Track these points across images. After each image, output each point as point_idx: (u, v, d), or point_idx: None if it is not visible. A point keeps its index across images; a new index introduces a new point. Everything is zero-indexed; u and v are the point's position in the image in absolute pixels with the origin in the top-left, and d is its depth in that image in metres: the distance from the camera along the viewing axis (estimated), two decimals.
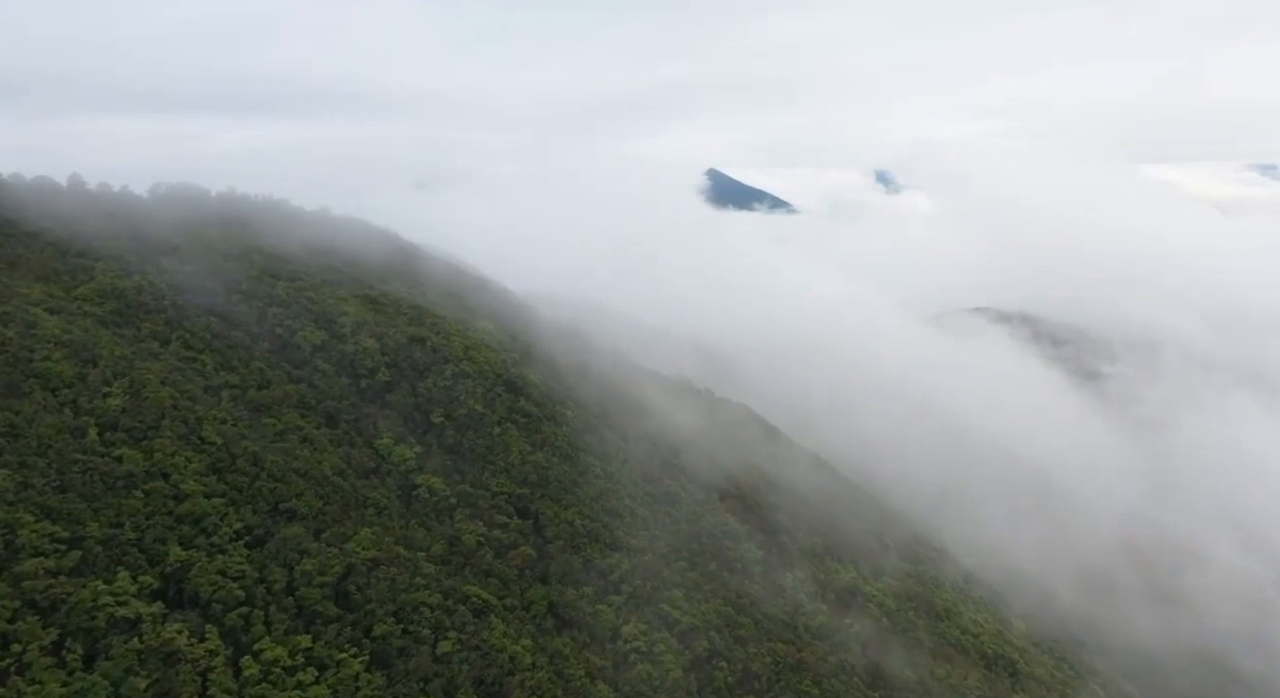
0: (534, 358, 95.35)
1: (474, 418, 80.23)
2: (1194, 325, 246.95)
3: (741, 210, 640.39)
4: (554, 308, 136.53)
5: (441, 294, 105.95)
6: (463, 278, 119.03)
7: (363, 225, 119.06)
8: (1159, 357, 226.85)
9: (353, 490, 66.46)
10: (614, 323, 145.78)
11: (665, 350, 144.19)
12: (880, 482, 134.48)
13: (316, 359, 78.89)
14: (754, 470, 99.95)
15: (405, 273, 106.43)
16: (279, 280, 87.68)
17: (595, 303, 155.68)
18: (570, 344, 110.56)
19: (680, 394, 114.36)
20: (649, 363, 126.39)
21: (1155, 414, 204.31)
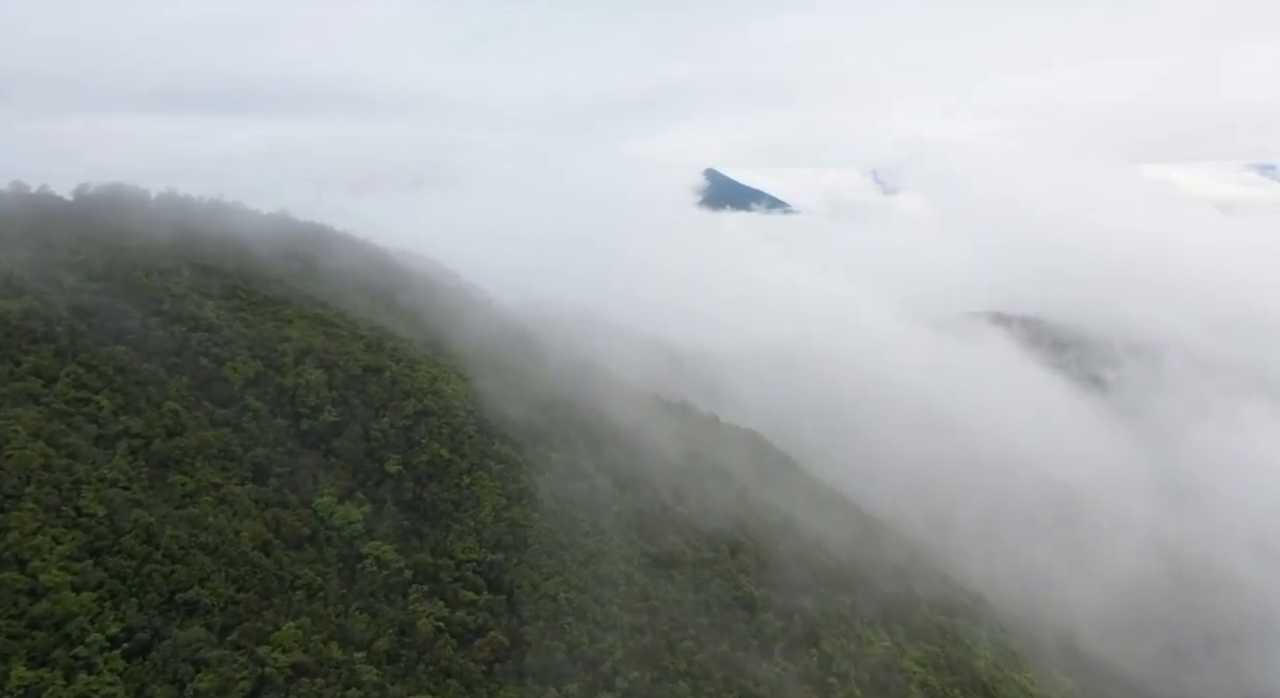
0: (514, 387, 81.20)
1: (438, 466, 66.11)
2: (1197, 329, 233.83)
3: (739, 211, 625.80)
4: (543, 320, 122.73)
5: (412, 311, 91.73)
6: (441, 291, 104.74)
7: (325, 232, 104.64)
8: (1163, 361, 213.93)
9: (277, 569, 52.41)
10: (606, 334, 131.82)
11: (661, 366, 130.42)
12: (887, 499, 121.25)
13: (248, 396, 64.72)
14: (766, 513, 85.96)
15: (370, 287, 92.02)
16: (210, 299, 73.46)
17: (586, 311, 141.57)
18: (559, 367, 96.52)
19: (682, 422, 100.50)
20: (644, 381, 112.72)
21: (1166, 423, 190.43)
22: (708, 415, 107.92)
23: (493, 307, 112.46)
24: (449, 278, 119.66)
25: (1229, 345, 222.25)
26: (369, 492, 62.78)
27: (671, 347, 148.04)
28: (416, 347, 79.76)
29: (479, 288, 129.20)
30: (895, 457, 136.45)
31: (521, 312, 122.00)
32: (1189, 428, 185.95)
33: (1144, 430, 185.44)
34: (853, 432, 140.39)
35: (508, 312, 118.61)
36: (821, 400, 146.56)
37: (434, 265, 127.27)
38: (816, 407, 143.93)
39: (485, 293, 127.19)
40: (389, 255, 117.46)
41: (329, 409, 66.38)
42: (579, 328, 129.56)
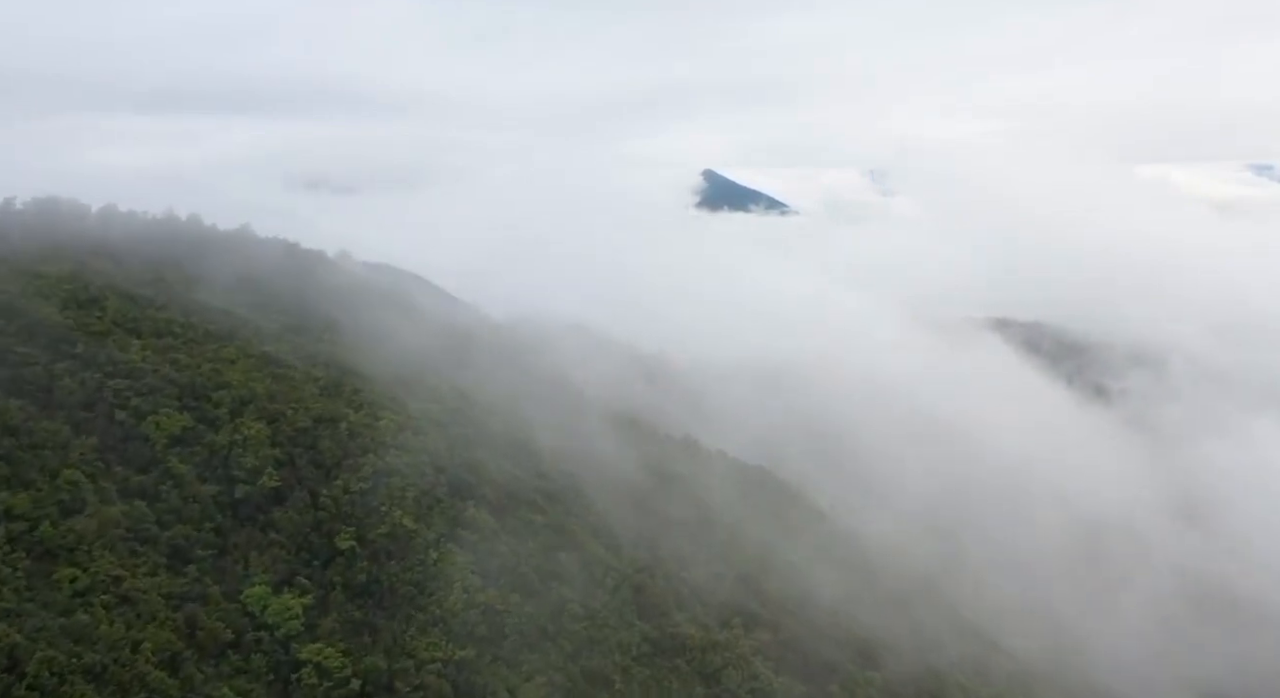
0: (497, 433, 70.11)
1: (400, 539, 54.98)
2: (1200, 334, 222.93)
3: (737, 212, 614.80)
4: (533, 339, 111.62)
5: (385, 340, 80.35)
6: (421, 315, 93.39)
7: (292, 251, 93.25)
8: (1167, 369, 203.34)
9: (184, 693, 41.28)
10: (600, 353, 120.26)
11: (657, 388, 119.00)
12: (892, 523, 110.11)
13: (172, 458, 53.64)
14: (783, 572, 74.97)
15: (337, 315, 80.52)
16: (137, 337, 62.28)
17: (579, 326, 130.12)
18: (549, 401, 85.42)
19: (686, 461, 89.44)
20: (641, 408, 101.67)
21: (1174, 436, 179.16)
22: (713, 451, 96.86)
23: (478, 328, 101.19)
24: (432, 296, 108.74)
25: (1232, 352, 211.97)
26: (314, 575, 51.68)
27: (668, 363, 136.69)
28: (383, 386, 68.62)
29: (465, 304, 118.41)
30: (897, 474, 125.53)
31: (510, 330, 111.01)
32: (1198, 442, 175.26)
33: (1153, 445, 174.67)
34: (852, 448, 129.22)
35: (495, 332, 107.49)
36: (818, 416, 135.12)
37: (417, 281, 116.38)
38: (813, 423, 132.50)
39: (471, 309, 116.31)
40: (366, 272, 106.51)
41: (270, 472, 55.19)
42: (571, 347, 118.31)
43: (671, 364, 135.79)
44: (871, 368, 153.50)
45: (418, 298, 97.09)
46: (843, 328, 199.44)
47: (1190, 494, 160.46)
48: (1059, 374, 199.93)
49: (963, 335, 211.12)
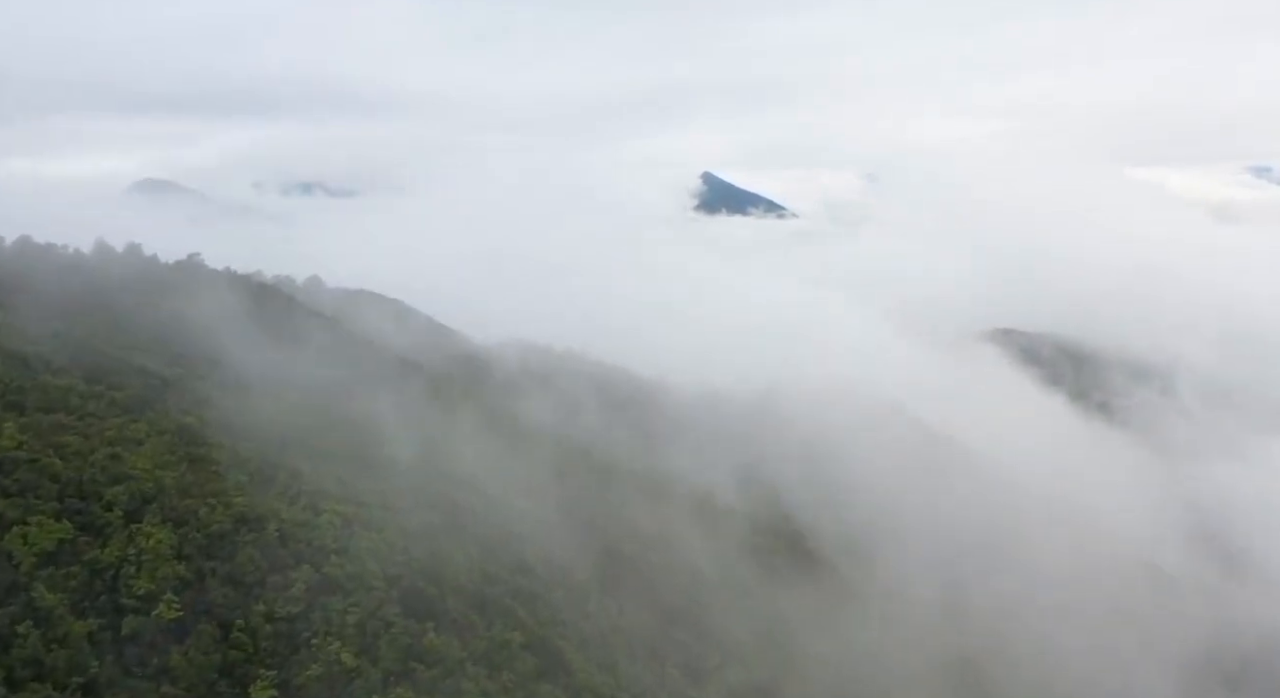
0: (466, 510, 57.47)
1: (337, 681, 42.46)
2: (1205, 348, 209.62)
3: (735, 214, 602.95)
4: (519, 373, 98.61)
5: (339, 400, 67.37)
6: (391, 361, 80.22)
7: (244, 286, 79.73)
8: (1173, 385, 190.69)
9: None
10: (590, 385, 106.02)
11: (651, 420, 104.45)
12: (898, 571, 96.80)
13: (39, 583, 41.07)
14: (812, 674, 62.50)
15: (285, 371, 67.12)
16: (20, 413, 49.68)
17: (571, 354, 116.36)
18: (533, 454, 72.77)
19: (698, 522, 76.80)
20: (633, 450, 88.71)
21: (1188, 458, 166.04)
22: (722, 508, 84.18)
23: (459, 369, 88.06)
24: (412, 327, 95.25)
25: (1238, 366, 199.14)
26: None
27: (664, 390, 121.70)
28: (331, 464, 55.90)
29: (448, 331, 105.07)
30: (902, 507, 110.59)
31: (495, 363, 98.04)
32: (1210, 462, 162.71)
33: (1164, 466, 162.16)
34: (852, 478, 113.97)
35: (477, 369, 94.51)
36: (817, 442, 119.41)
37: (397, 308, 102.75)
38: (811, 450, 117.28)
39: (454, 338, 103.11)
40: (339, 302, 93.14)
41: (169, 599, 42.58)
42: (562, 382, 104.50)
43: (667, 390, 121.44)
44: (869, 387, 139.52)
45: (395, 335, 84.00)
46: (840, 344, 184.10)
47: (1208, 522, 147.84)
48: (1062, 388, 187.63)
49: (963, 349, 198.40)
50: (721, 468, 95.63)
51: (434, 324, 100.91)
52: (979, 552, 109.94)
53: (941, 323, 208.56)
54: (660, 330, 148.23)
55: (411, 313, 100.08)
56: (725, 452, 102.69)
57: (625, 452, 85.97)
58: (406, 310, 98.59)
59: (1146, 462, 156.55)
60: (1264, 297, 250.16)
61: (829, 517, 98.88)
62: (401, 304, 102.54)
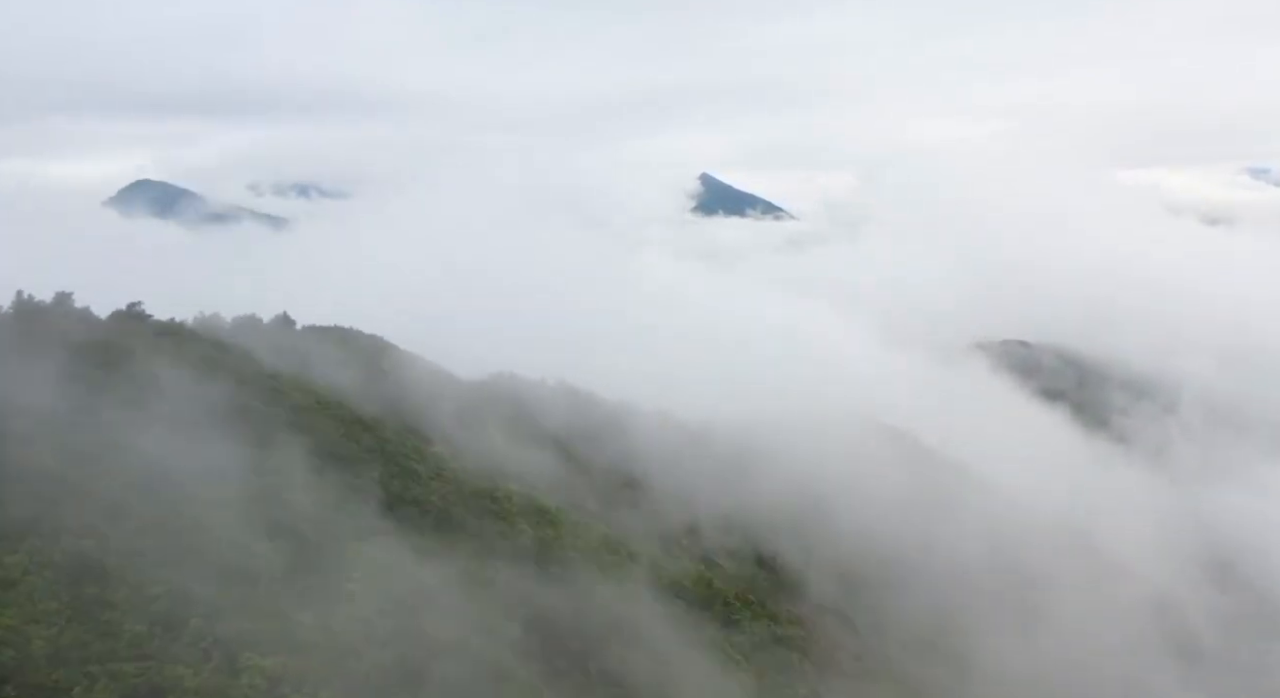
0: (433, 641, 47.10)
1: None
2: (1208, 363, 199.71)
3: (733, 216, 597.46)
4: (505, 404, 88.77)
5: (286, 499, 53.31)
6: (363, 428, 66.52)
7: (171, 335, 63.54)
8: (1178, 402, 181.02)
9: None
10: (587, 424, 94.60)
11: (637, 462, 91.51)
12: (905, 620, 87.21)
13: None
14: None
15: (213, 458, 51.72)
16: None
17: (564, 386, 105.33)
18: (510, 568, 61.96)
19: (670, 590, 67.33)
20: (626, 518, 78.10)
21: (1197, 484, 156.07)
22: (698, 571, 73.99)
23: (437, 431, 76.17)
24: (389, 370, 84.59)
25: (1243, 384, 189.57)
26: None
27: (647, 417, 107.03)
28: (258, 594, 44.84)
29: (430, 368, 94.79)
30: (898, 553, 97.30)
31: (479, 406, 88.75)
32: (1220, 488, 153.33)
33: (1174, 495, 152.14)
34: (842, 522, 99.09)
35: (468, 412, 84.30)
36: (803, 478, 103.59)
37: (375, 344, 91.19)
38: (795, 488, 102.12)
39: (437, 376, 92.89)
40: (309, 344, 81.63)
41: None
42: (554, 410, 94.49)
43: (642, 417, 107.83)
44: (866, 407, 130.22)
45: (370, 383, 74.03)
46: (834, 361, 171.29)
47: (1224, 555, 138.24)
48: (1062, 402, 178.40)
49: (961, 362, 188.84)
50: (699, 510, 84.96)
51: (417, 361, 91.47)
52: (989, 598, 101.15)
53: (938, 333, 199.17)
54: (641, 352, 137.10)
55: (390, 350, 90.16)
56: (704, 490, 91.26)
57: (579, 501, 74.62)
58: (383, 348, 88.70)
59: (1154, 487, 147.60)
60: (1269, 310, 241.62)
61: (823, 562, 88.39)
62: (380, 340, 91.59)
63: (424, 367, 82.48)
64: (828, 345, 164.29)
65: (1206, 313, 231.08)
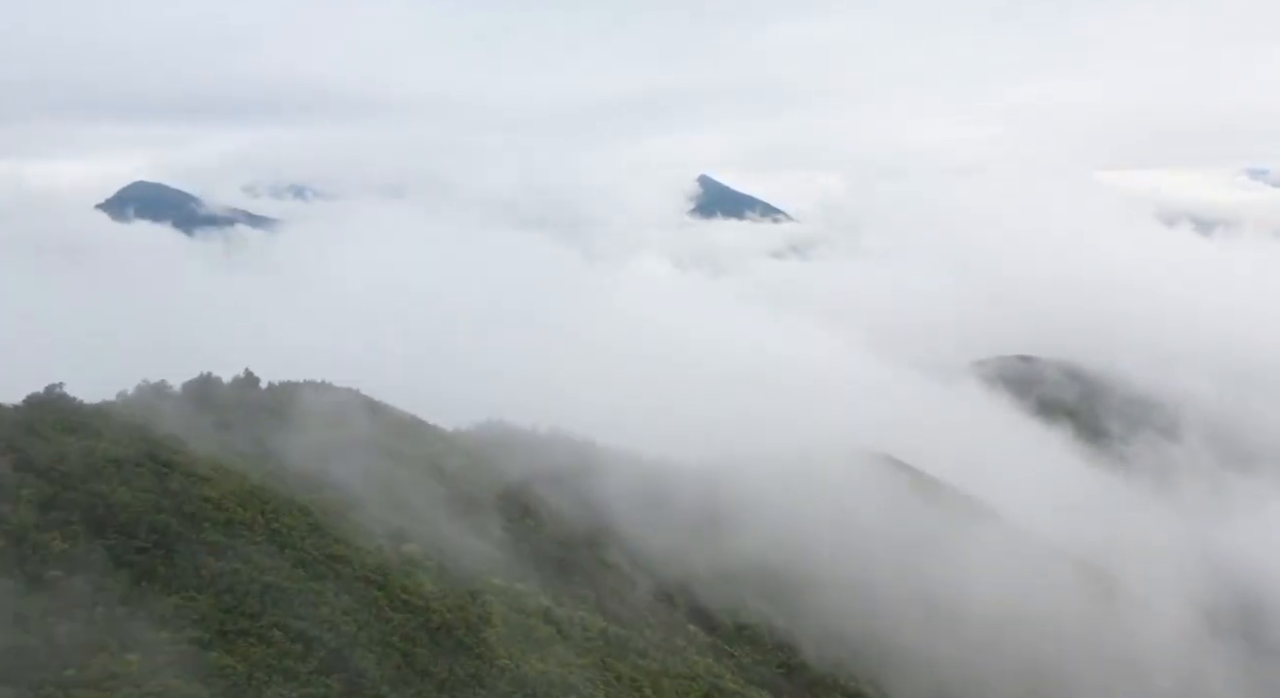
0: None
1: None
2: (1211, 382, 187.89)
3: (731, 218, 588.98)
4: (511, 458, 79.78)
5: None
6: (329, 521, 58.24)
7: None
8: (1179, 426, 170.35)
9: None
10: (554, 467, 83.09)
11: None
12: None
13: None
14: None
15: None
16: None
17: (579, 443, 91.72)
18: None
19: None
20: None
21: (1204, 514, 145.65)
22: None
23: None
24: (367, 433, 74.33)
25: (1246, 405, 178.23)
26: None
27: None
28: None
29: (408, 424, 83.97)
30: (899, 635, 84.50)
31: (477, 451, 79.79)
32: (1231, 520, 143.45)
33: (1185, 526, 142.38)
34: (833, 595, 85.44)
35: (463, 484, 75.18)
36: (789, 520, 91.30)
37: (353, 401, 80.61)
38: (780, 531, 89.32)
39: (416, 432, 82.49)
40: (277, 401, 72.91)
41: None
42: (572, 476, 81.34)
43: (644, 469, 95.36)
44: (860, 434, 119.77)
45: (337, 463, 64.20)
46: (827, 383, 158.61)
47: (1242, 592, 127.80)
48: (1062, 423, 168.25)
49: (959, 382, 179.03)
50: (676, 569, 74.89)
51: (397, 418, 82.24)
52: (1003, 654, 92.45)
53: (935, 347, 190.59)
54: (620, 382, 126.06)
55: (376, 411, 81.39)
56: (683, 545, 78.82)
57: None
58: (356, 404, 79.93)
59: (1164, 519, 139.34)
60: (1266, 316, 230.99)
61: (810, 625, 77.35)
62: (359, 396, 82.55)
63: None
64: (820, 367, 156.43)
65: (1208, 326, 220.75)
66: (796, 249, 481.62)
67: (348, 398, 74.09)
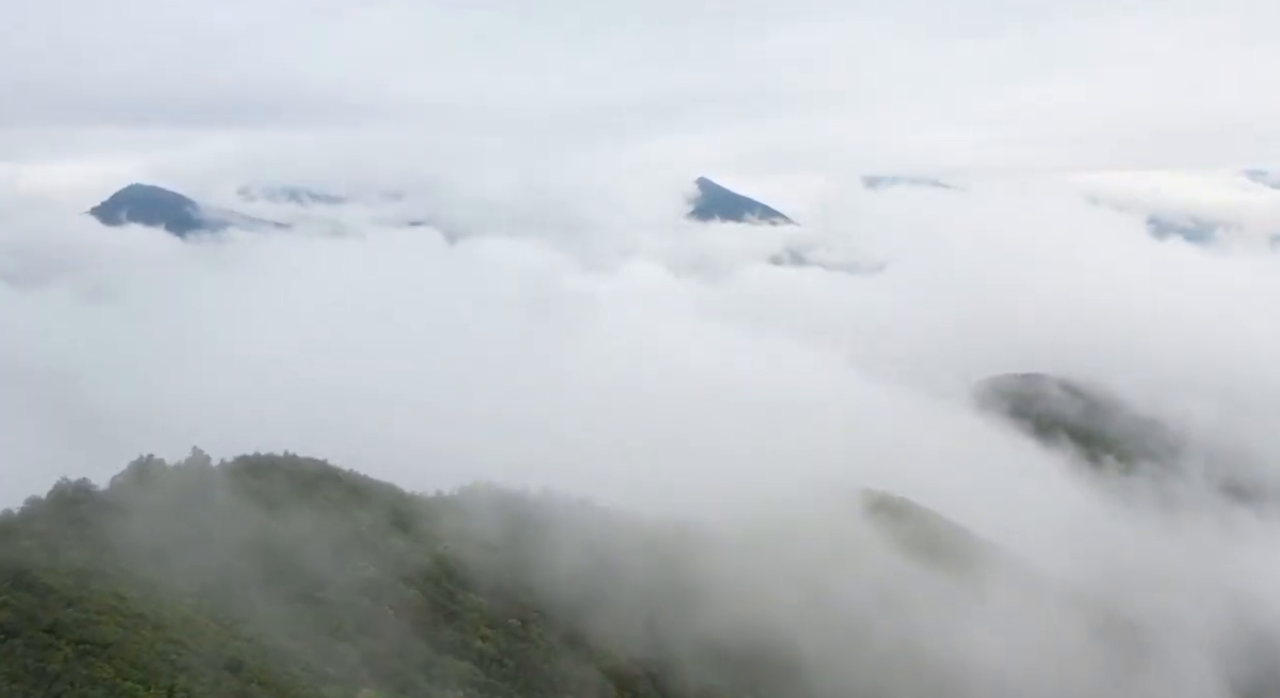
0: None
1: None
2: (1214, 406, 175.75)
3: (729, 221, 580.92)
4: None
5: None
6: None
7: None
8: (1185, 450, 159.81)
9: None
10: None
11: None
12: None
13: None
14: None
15: None
16: None
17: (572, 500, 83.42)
18: None
19: None
20: None
21: (1216, 546, 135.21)
22: None
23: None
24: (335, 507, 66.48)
25: (1251, 430, 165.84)
26: None
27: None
28: None
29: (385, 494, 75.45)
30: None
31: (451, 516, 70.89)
32: (1246, 551, 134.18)
33: (1197, 559, 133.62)
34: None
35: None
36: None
37: (324, 477, 72.22)
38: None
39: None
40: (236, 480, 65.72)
41: None
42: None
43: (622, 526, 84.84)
44: (850, 469, 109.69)
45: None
46: (815, 412, 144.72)
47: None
48: (1062, 441, 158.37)
49: (954, 402, 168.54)
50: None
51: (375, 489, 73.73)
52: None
53: (929, 364, 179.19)
54: (594, 423, 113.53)
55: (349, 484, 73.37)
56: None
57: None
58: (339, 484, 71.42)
59: (1171, 550, 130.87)
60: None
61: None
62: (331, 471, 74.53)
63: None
64: (809, 390, 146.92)
65: (1208, 340, 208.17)
66: (794, 253, 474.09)
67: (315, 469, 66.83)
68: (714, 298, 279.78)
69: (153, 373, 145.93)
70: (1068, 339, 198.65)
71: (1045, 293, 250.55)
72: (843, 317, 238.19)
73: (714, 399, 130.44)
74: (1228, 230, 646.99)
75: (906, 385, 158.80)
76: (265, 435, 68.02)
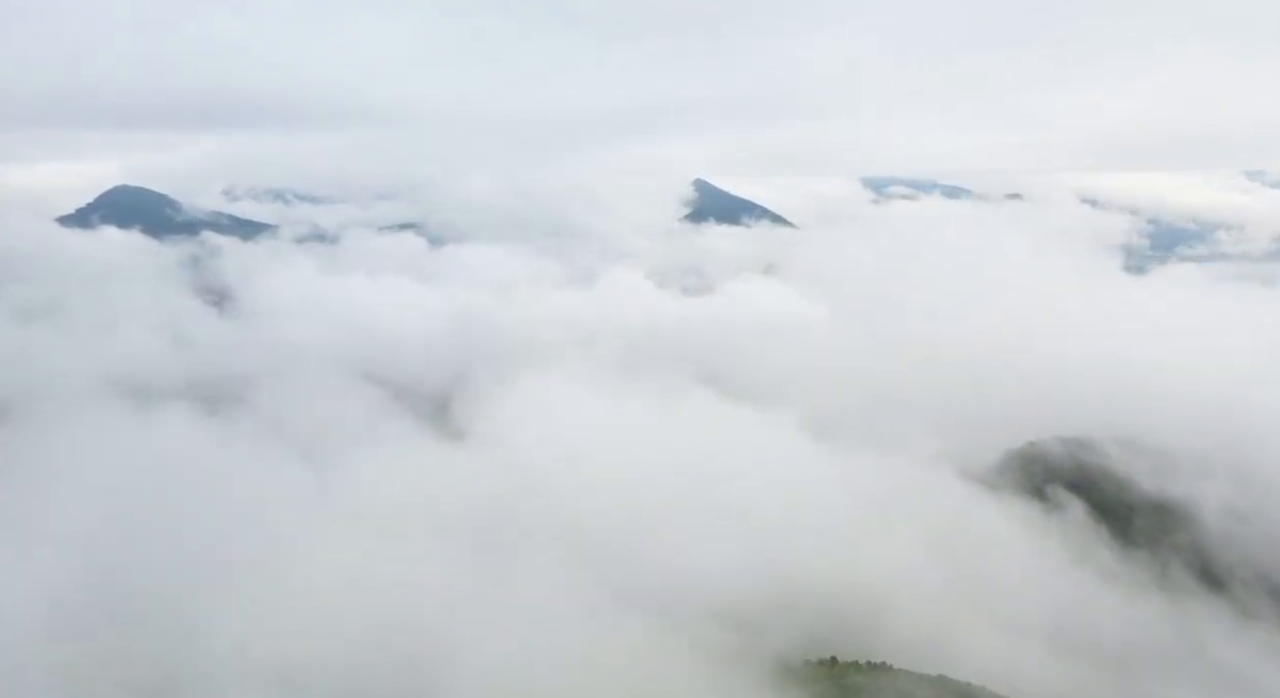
0: None
1: None
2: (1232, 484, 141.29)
3: (725, 224, 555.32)
4: None
5: None
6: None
7: None
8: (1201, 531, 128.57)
9: None
10: None
11: None
12: None
13: None
14: None
15: None
16: None
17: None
18: None
19: None
20: None
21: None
22: None
23: None
24: None
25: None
26: None
27: None
28: None
29: None
30: None
31: None
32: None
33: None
34: None
35: None
36: None
37: None
38: None
39: None
40: None
41: None
42: None
43: None
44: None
45: None
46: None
47: None
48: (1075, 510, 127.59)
49: (952, 482, 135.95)
50: None
51: None
52: None
53: (923, 428, 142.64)
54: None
55: None
56: None
57: None
58: None
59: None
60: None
61: None
62: None
63: None
64: (772, 460, 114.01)
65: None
66: (791, 259, 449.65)
67: None
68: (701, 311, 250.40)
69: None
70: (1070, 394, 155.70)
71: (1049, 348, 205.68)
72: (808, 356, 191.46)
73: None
74: (1229, 231, 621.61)
75: (878, 451, 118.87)
76: None
